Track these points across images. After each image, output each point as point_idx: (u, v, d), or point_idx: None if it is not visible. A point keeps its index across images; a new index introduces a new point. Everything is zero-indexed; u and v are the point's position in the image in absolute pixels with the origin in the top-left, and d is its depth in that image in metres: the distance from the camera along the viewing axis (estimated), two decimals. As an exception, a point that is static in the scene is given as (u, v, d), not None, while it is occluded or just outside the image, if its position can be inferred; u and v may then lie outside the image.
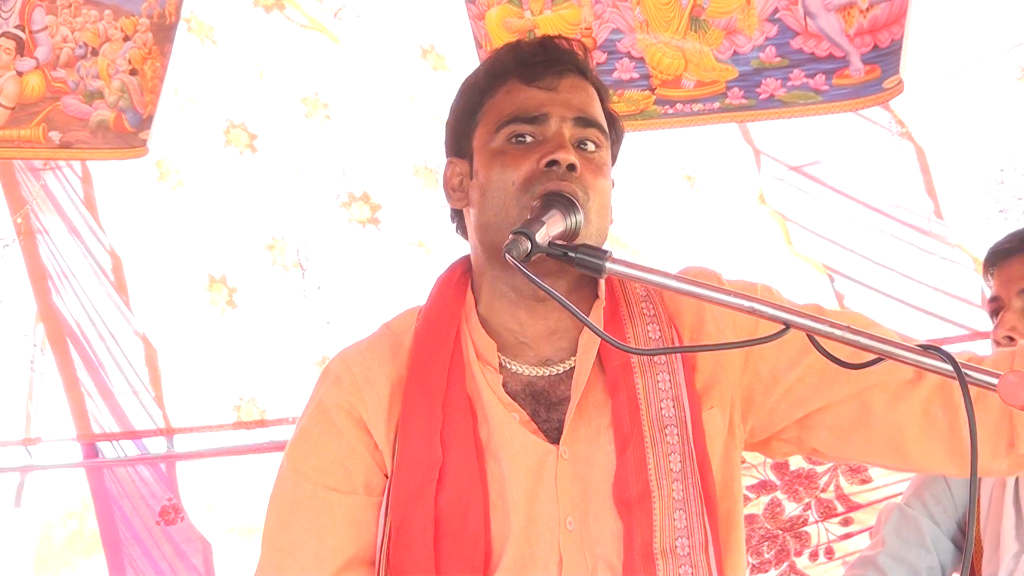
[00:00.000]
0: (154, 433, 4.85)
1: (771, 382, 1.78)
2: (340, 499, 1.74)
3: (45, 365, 4.86)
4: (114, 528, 4.81)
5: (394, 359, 1.79)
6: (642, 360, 1.74)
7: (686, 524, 1.69)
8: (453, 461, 1.71)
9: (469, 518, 1.70)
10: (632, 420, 1.71)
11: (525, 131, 1.72)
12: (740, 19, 3.48)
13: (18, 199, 4.75)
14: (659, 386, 1.73)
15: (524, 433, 1.72)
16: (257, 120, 4.55)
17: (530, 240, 1.57)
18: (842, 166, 3.96)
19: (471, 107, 1.78)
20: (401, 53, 4.32)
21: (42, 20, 3.94)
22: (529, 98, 1.74)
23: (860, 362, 1.58)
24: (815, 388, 1.76)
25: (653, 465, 1.70)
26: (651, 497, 1.69)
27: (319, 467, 1.76)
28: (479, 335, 1.77)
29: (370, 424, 1.76)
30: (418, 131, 4.39)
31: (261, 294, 4.72)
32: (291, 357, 4.65)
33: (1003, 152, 3.87)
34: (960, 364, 1.47)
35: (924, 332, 3.98)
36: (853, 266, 4.05)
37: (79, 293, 4.80)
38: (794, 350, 1.74)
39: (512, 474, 1.71)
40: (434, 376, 1.75)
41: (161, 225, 4.75)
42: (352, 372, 1.79)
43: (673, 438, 1.71)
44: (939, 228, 3.90)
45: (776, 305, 1.56)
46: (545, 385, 1.76)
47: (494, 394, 1.74)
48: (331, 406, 1.78)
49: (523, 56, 1.76)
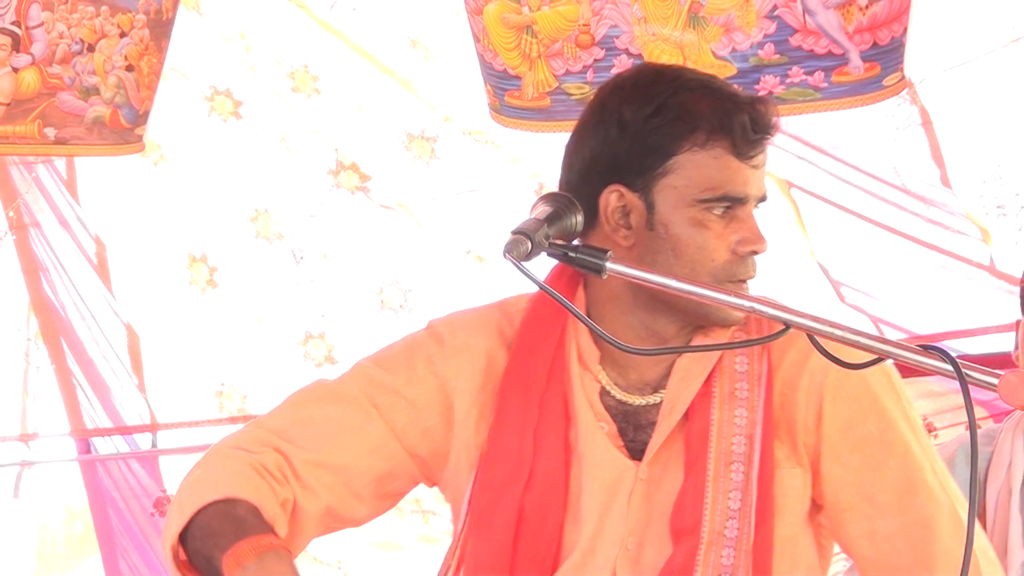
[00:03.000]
0: (140, 429, 4.82)
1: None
2: (378, 421, 1.75)
3: (39, 359, 4.84)
4: (108, 523, 4.80)
5: (500, 338, 1.78)
6: (723, 393, 1.72)
7: (732, 563, 1.68)
8: (542, 461, 1.71)
9: (548, 520, 1.70)
10: (700, 451, 1.70)
11: (726, 206, 1.70)
12: (739, 16, 3.48)
13: (10, 192, 4.72)
14: (735, 421, 1.72)
15: (608, 446, 1.72)
16: (242, 86, 4.47)
17: (530, 240, 1.56)
18: (845, 134, 3.94)
19: (660, 150, 1.70)
20: (391, 43, 4.30)
21: (38, 16, 3.93)
22: (738, 175, 1.70)
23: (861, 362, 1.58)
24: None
25: (711, 499, 1.69)
26: (700, 531, 1.68)
27: (380, 385, 1.76)
28: (584, 339, 1.76)
29: (456, 394, 1.76)
30: (410, 100, 4.33)
31: (243, 271, 4.65)
32: (274, 336, 4.60)
33: (1001, 149, 3.87)
34: (960, 364, 1.47)
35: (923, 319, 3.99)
36: (857, 233, 4.03)
37: (66, 282, 4.76)
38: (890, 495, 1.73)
39: (589, 484, 1.71)
40: (536, 372, 1.73)
41: (142, 204, 4.67)
42: (456, 336, 1.78)
43: (738, 475, 1.69)
44: (944, 196, 3.89)
45: (777, 305, 1.56)
46: (636, 407, 1.75)
47: (587, 401, 1.74)
48: (422, 355, 1.78)
49: (744, 124, 1.70)
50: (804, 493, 1.75)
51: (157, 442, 4.86)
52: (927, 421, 3.94)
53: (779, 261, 4.01)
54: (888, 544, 1.72)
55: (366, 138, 4.43)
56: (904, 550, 1.71)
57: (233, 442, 1.75)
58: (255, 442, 1.73)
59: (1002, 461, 2.70)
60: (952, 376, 1.47)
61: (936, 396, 3.94)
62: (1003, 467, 2.69)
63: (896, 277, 4.04)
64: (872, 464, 1.72)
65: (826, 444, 1.73)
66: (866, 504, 1.73)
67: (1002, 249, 3.90)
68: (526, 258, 1.56)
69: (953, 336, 3.95)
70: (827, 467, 1.74)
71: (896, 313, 4.03)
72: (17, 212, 4.71)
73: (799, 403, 1.74)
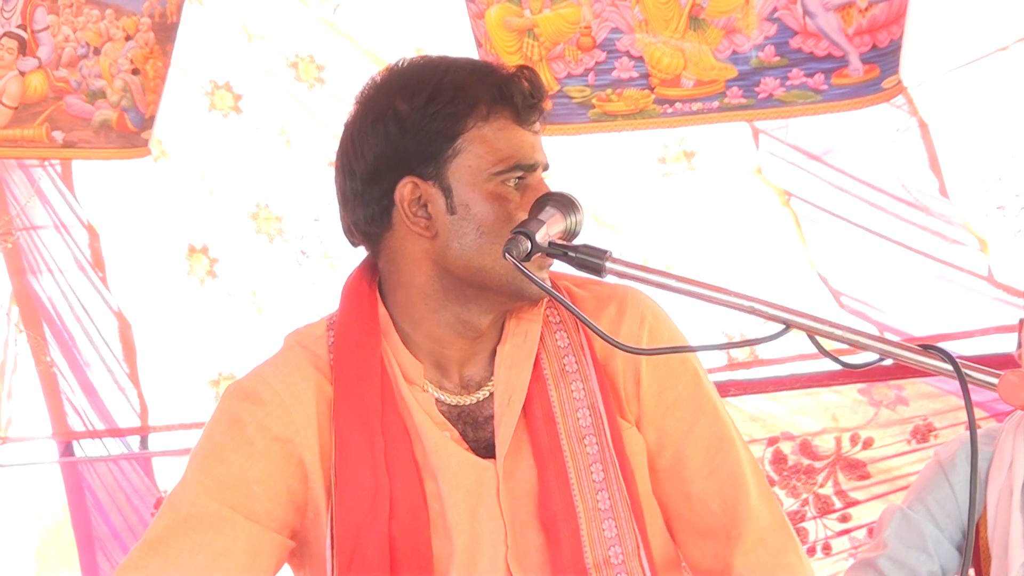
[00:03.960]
0: (131, 432, 4.79)
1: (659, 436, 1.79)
2: (243, 524, 1.67)
3: (21, 347, 4.80)
4: (89, 525, 4.77)
5: (317, 374, 1.73)
6: (553, 371, 1.73)
7: (616, 533, 1.69)
8: (399, 484, 1.67)
9: (419, 542, 1.67)
10: (550, 434, 1.70)
11: (519, 176, 1.69)
12: (739, 18, 3.49)
13: (5, 199, 4.71)
14: (574, 396, 1.72)
15: (460, 452, 1.70)
16: (242, 79, 4.43)
17: (530, 240, 1.57)
18: (844, 143, 3.95)
19: (443, 133, 1.68)
20: (395, 48, 4.30)
21: (44, 20, 3.93)
22: (524, 143, 1.70)
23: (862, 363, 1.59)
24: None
25: (575, 478, 1.69)
26: (576, 511, 1.68)
27: (226, 484, 1.68)
28: (404, 356, 1.73)
29: (302, 448, 1.70)
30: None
31: (244, 264, 4.63)
32: (274, 328, 4.56)
33: (1001, 149, 3.88)
34: (960, 364, 1.48)
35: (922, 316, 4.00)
36: (856, 242, 4.04)
37: (56, 274, 4.73)
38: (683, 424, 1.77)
39: (451, 494, 1.68)
40: (367, 398, 1.69)
41: (141, 198, 4.65)
42: (275, 390, 1.71)
43: (592, 448, 1.70)
44: (943, 207, 3.90)
45: (776, 305, 1.57)
46: (471, 406, 1.74)
47: (426, 414, 1.71)
48: (250, 425, 1.70)
49: (522, 93, 1.70)
50: (643, 449, 1.77)
51: (148, 443, 4.84)
52: (927, 422, 3.96)
53: (779, 271, 4.03)
54: (703, 505, 1.76)
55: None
56: (717, 511, 1.75)
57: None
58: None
59: (1003, 461, 2.70)
60: (952, 376, 1.48)
61: (935, 397, 3.95)
62: (1004, 467, 2.69)
63: (895, 286, 4.05)
64: (684, 427, 1.76)
65: (644, 408, 1.76)
66: (680, 467, 1.76)
67: (1001, 252, 3.91)
68: (526, 258, 1.57)
69: (951, 338, 3.95)
70: (645, 431, 1.76)
71: (895, 322, 4.04)
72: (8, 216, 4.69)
73: (618, 369, 1.76)
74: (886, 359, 1.55)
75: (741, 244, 4.11)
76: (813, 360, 3.85)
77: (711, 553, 1.76)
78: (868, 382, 3.96)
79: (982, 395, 2.43)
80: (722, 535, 1.75)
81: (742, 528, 1.74)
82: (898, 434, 4.00)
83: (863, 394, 4.02)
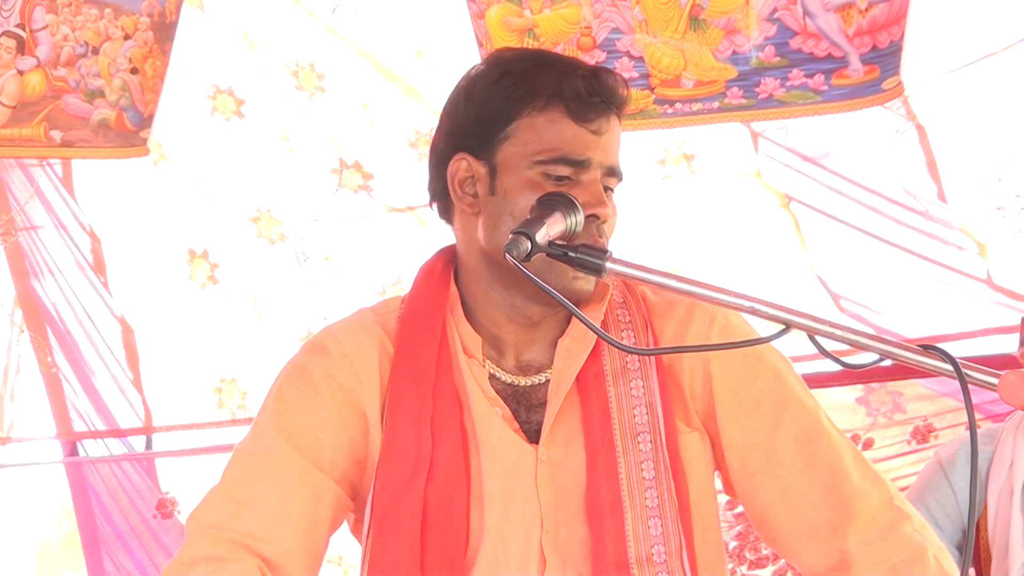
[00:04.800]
0: (135, 432, 4.79)
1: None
2: (310, 469, 1.72)
3: (24, 348, 4.80)
4: (94, 526, 4.77)
5: (382, 333, 1.77)
6: (615, 366, 1.73)
7: (661, 532, 1.69)
8: (442, 451, 1.70)
9: (453, 511, 1.69)
10: (603, 429, 1.71)
11: (566, 173, 1.70)
12: (739, 19, 3.49)
13: (5, 198, 4.71)
14: (632, 393, 1.73)
15: (505, 429, 1.72)
16: (245, 85, 4.44)
17: (530, 240, 1.56)
18: (843, 146, 3.95)
19: (501, 115, 1.71)
20: (395, 51, 4.30)
21: (43, 19, 3.93)
22: (576, 138, 1.70)
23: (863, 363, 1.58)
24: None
25: (625, 474, 1.70)
26: (623, 507, 1.69)
27: (294, 431, 1.73)
28: (465, 328, 1.76)
29: (364, 398, 1.74)
30: (414, 105, 4.33)
31: (245, 269, 4.63)
32: (275, 333, 4.57)
33: (1001, 149, 3.88)
34: (960, 364, 1.47)
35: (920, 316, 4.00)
36: (855, 246, 4.04)
37: (57, 276, 4.73)
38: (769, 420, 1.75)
39: (490, 469, 1.71)
40: (423, 364, 1.73)
41: (142, 202, 4.65)
42: (342, 344, 1.76)
43: (646, 445, 1.71)
44: (941, 211, 3.90)
45: (777, 305, 1.57)
46: (526, 388, 1.76)
47: (479, 387, 1.73)
48: (317, 374, 1.75)
49: (577, 89, 1.71)
50: (705, 456, 1.76)
51: (152, 444, 4.83)
52: (927, 422, 3.96)
53: (778, 274, 4.03)
54: (803, 501, 1.73)
55: (370, 137, 4.42)
56: (820, 503, 1.72)
57: (201, 552, 1.68)
58: (222, 545, 1.69)
59: (1004, 461, 2.70)
60: (952, 376, 1.48)
61: (932, 399, 3.95)
62: (1005, 467, 2.69)
63: (894, 290, 4.05)
64: (770, 422, 1.74)
65: (721, 409, 1.75)
66: (774, 464, 1.74)
67: (1000, 254, 3.91)
68: (526, 258, 1.56)
69: (951, 339, 3.96)
70: (728, 433, 1.75)
71: (894, 325, 4.04)
72: (9, 216, 4.69)
73: (684, 369, 1.75)
74: (886, 359, 1.54)
75: (741, 247, 4.11)
76: (813, 360, 3.85)
77: (823, 552, 1.73)
78: (866, 383, 3.97)
79: (978, 397, 2.42)
80: (828, 528, 1.72)
81: (849, 512, 1.71)
82: (898, 435, 4.00)
83: (860, 403, 4.03)
